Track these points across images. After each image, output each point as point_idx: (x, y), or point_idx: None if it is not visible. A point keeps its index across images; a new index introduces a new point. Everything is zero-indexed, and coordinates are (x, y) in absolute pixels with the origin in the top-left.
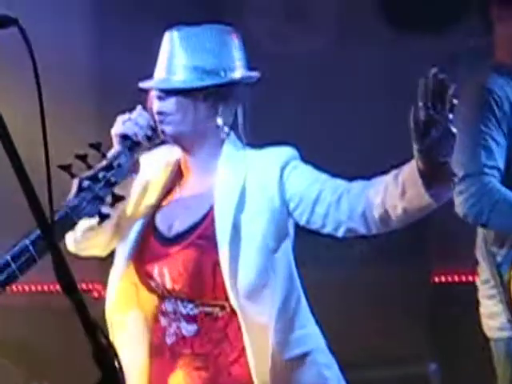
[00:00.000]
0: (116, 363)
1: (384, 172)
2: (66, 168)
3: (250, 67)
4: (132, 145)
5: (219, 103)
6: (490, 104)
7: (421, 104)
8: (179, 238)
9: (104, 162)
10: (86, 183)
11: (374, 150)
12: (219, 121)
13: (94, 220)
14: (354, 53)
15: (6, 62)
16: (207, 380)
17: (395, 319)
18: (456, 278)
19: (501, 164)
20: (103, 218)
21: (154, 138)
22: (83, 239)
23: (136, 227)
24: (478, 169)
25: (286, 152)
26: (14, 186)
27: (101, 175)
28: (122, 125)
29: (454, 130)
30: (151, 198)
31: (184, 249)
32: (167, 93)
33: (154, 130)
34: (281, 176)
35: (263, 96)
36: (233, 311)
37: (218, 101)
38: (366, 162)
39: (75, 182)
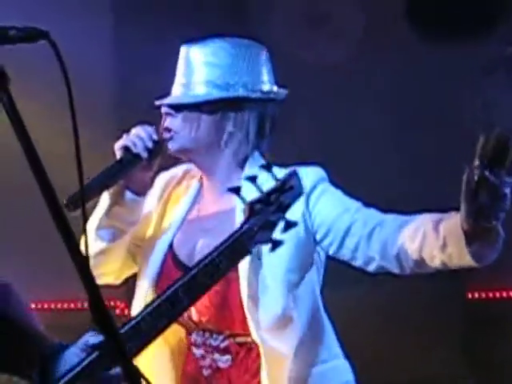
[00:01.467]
0: None
1: (410, 196)
2: (236, 191)
3: (277, 83)
4: (132, 157)
5: (227, 118)
6: None
7: (477, 162)
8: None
9: (276, 184)
10: (257, 206)
11: (402, 166)
12: (226, 136)
13: (102, 245)
14: (379, 64)
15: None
16: None
17: (429, 337)
18: (490, 295)
19: None
20: (276, 245)
21: (156, 151)
22: (93, 268)
23: (157, 254)
24: None
25: (312, 174)
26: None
27: (273, 198)
28: (124, 137)
29: (508, 193)
30: (170, 220)
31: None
32: (176, 109)
33: (156, 142)
34: (307, 203)
35: (285, 110)
36: None
37: (226, 116)
38: (395, 179)
39: (246, 207)
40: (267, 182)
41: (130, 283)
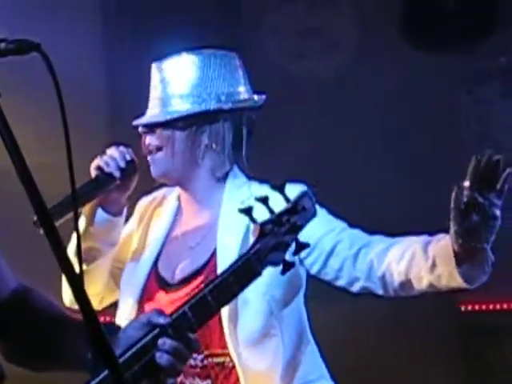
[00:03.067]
0: None
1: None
2: (246, 211)
3: (253, 91)
4: (104, 177)
5: (202, 132)
6: None
7: (467, 183)
8: (183, 283)
9: (288, 205)
10: (268, 227)
11: (393, 179)
12: (199, 154)
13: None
14: (373, 72)
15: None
16: None
17: (423, 350)
18: (483, 307)
19: None
20: (288, 267)
21: (129, 171)
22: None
23: (140, 272)
24: None
25: (297, 192)
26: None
27: (284, 219)
28: (98, 157)
29: (498, 215)
30: (153, 239)
31: (187, 295)
32: (151, 127)
33: (128, 162)
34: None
35: (268, 122)
36: None
37: (201, 129)
38: (384, 194)
39: (256, 228)
40: (277, 202)
41: None
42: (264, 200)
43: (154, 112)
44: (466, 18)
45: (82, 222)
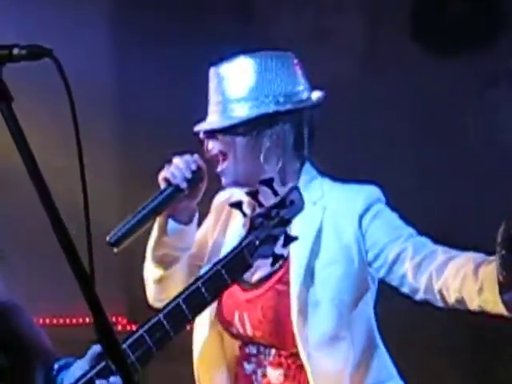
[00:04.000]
0: None
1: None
2: (237, 205)
3: (311, 87)
4: (172, 188)
5: (263, 135)
6: None
7: None
8: (261, 282)
9: (276, 199)
10: (258, 221)
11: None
12: (262, 155)
13: (159, 273)
14: (383, 78)
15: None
16: None
17: (437, 361)
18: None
19: None
20: (277, 259)
21: (195, 180)
22: (156, 294)
23: None
24: None
25: (367, 195)
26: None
27: (274, 213)
28: (165, 168)
29: None
30: (231, 239)
31: (263, 294)
32: (210, 135)
33: (194, 172)
34: (360, 224)
35: None
36: None
37: (262, 133)
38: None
39: (247, 221)
40: (269, 197)
41: (131, 300)
42: (253, 194)
43: (213, 118)
44: (474, 21)
45: (154, 233)
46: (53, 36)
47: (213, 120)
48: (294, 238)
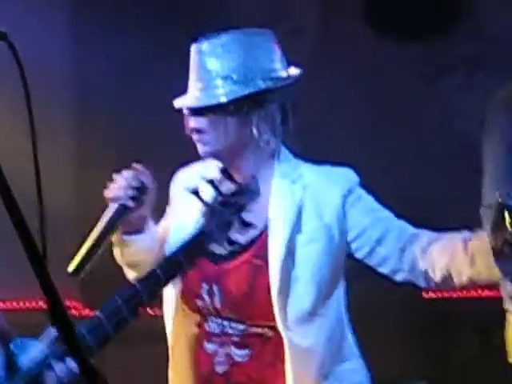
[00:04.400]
0: None
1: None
2: (195, 193)
3: (288, 65)
4: (119, 208)
5: (252, 113)
6: None
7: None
8: (233, 255)
9: (235, 187)
10: (216, 208)
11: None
12: (254, 131)
13: (132, 270)
14: (336, 61)
15: None
16: None
17: (385, 338)
18: (446, 294)
19: None
20: (232, 244)
21: (141, 194)
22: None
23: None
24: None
25: (347, 177)
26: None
27: (231, 201)
28: (109, 188)
29: None
30: (189, 224)
31: (238, 267)
32: (197, 110)
33: (138, 188)
34: (342, 205)
35: None
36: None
37: (251, 111)
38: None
39: (205, 208)
40: (225, 184)
41: (86, 285)
42: (211, 182)
43: (199, 95)
44: (431, 7)
45: (116, 249)
46: (9, 19)
47: (199, 97)
48: (249, 224)
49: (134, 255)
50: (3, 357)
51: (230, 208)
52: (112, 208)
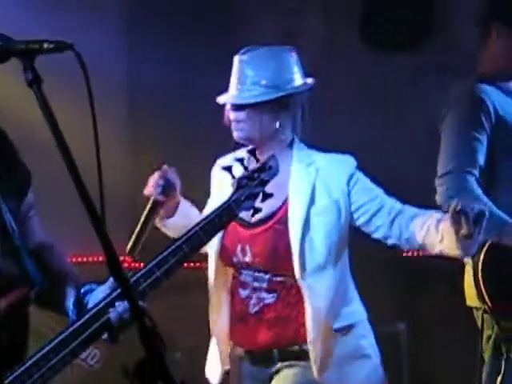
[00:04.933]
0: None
1: None
2: (228, 169)
3: (306, 75)
4: (153, 202)
5: (281, 111)
6: (476, 109)
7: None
8: (260, 223)
9: (258, 165)
10: (243, 182)
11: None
12: (277, 125)
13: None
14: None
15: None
16: (289, 333)
17: (373, 287)
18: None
19: (482, 161)
20: (256, 211)
21: (167, 189)
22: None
23: None
24: (460, 168)
25: (349, 163)
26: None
27: (256, 176)
28: (145, 189)
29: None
30: (222, 196)
31: (264, 231)
32: (239, 105)
33: (163, 186)
34: (348, 184)
35: None
36: None
37: (280, 109)
38: None
39: (235, 181)
40: (251, 163)
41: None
42: (241, 160)
43: (238, 94)
44: (412, 23)
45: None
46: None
47: (239, 96)
48: (270, 195)
49: (175, 233)
50: (74, 297)
51: (254, 182)
52: (149, 202)
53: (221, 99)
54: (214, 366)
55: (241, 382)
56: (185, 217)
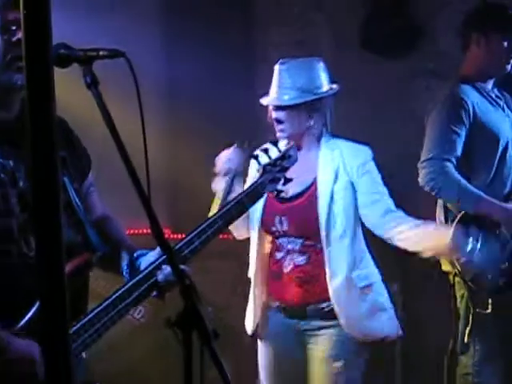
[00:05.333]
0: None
1: None
2: (255, 157)
3: (332, 81)
4: (231, 177)
5: (314, 111)
6: (457, 107)
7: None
8: (295, 198)
9: (279, 154)
10: (268, 168)
11: None
12: (311, 123)
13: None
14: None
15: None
16: (317, 290)
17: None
18: None
19: (459, 151)
20: (279, 193)
21: (246, 156)
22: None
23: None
24: (440, 155)
25: (365, 152)
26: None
27: (278, 163)
28: (214, 180)
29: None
30: (250, 180)
31: (298, 205)
32: (280, 106)
33: (232, 159)
34: (357, 169)
35: None
36: None
37: (313, 110)
38: None
39: (261, 167)
40: (273, 152)
41: (174, 216)
42: (265, 150)
43: (279, 97)
44: (402, 36)
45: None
46: (111, 29)
47: (280, 98)
48: (290, 180)
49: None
50: (128, 260)
51: (277, 168)
52: (228, 177)
53: (264, 101)
54: (251, 318)
55: (275, 332)
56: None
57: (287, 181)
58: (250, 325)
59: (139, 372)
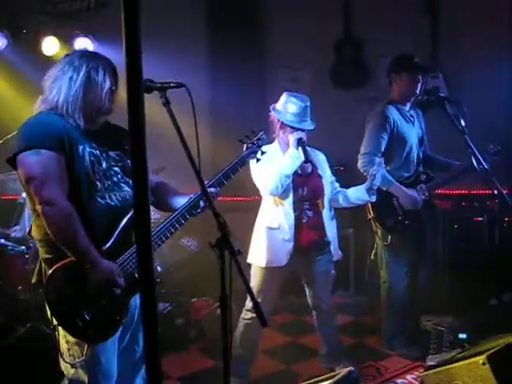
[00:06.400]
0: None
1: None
2: (243, 141)
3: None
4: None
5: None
6: (384, 121)
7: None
8: (308, 175)
9: (255, 137)
10: (249, 145)
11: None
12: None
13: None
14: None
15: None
16: (321, 233)
17: None
18: None
19: (383, 149)
20: (258, 160)
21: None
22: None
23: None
24: (372, 152)
25: (322, 154)
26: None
27: (255, 142)
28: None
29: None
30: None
31: (311, 179)
32: (298, 129)
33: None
34: (328, 163)
35: None
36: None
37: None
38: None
39: (246, 145)
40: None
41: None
42: (248, 136)
43: (308, 123)
44: (357, 76)
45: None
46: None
47: (308, 124)
48: (264, 152)
49: None
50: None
51: (254, 145)
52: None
53: (303, 126)
54: (280, 253)
55: (289, 266)
56: None
57: (262, 153)
58: (263, 258)
59: (194, 282)
